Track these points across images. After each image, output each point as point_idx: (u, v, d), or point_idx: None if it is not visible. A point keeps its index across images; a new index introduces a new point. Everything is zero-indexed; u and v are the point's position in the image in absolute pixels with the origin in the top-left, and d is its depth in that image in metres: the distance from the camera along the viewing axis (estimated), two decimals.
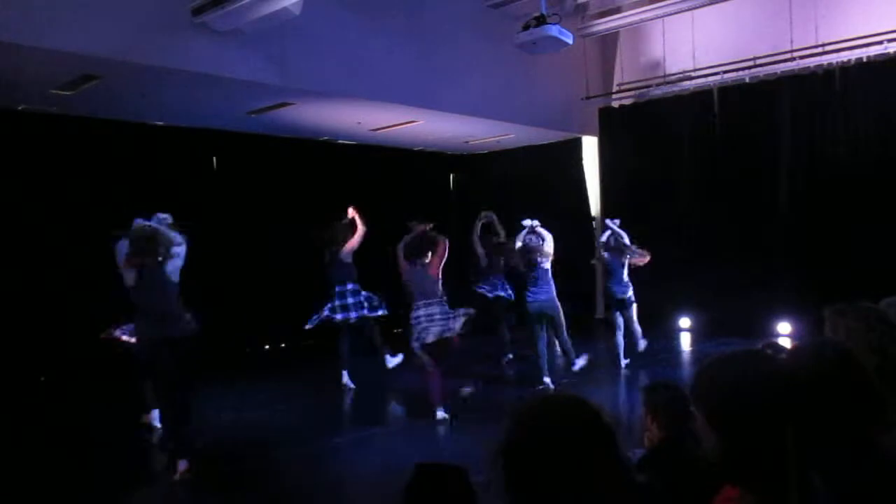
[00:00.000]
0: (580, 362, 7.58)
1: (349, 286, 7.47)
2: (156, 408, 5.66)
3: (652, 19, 9.13)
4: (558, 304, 7.37)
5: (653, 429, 2.52)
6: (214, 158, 10.06)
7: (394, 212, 11.57)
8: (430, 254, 6.37)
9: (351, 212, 7.68)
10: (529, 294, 7.30)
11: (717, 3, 8.34)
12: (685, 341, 10.15)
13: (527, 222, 7.57)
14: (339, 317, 7.40)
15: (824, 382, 1.60)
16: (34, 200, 8.08)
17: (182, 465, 4.96)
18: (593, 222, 12.17)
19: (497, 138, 11.61)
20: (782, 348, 2.42)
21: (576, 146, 12.15)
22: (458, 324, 6.20)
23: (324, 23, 7.54)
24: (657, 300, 10.59)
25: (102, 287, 6.53)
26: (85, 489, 5.08)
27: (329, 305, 7.44)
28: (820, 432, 1.47)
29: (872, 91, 8.88)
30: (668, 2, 8.44)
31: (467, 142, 11.94)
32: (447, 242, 6.42)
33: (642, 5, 8.93)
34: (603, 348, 10.17)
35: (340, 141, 11.14)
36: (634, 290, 8.37)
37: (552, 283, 7.34)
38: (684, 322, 10.65)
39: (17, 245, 7.89)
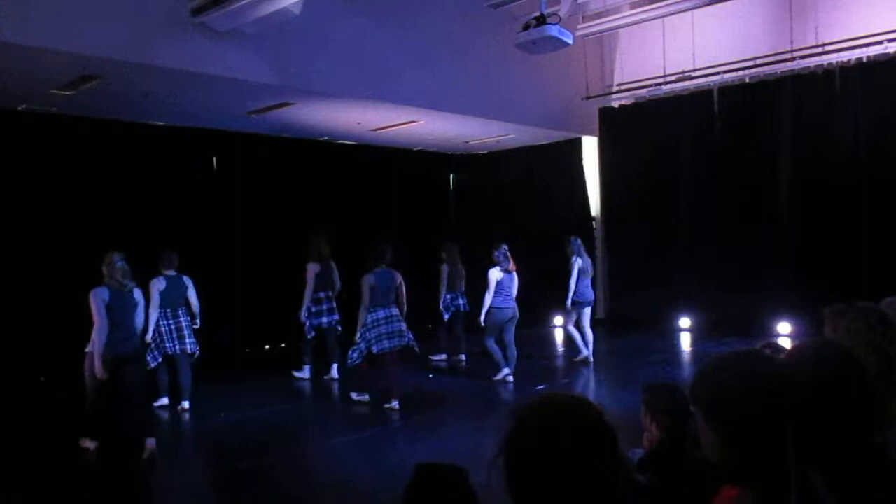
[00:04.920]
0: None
1: (331, 293, 8.24)
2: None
3: (652, 19, 9.11)
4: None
5: (652, 429, 2.52)
6: (214, 158, 10.07)
7: (394, 212, 11.64)
8: None
9: None
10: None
11: (717, 2, 8.33)
12: (685, 341, 10.15)
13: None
14: (325, 320, 8.15)
15: (824, 382, 1.60)
16: (34, 200, 8.09)
17: (150, 442, 5.45)
18: (593, 222, 12.17)
19: (497, 138, 11.61)
20: (782, 348, 2.42)
21: (576, 146, 12.15)
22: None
23: (324, 23, 7.53)
24: (657, 300, 10.61)
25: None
26: (85, 488, 5.09)
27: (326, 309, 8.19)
28: (820, 432, 1.47)
29: (872, 91, 8.88)
30: (668, 2, 8.43)
31: (467, 142, 11.95)
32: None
33: (642, 5, 8.92)
34: (604, 349, 10.20)
35: (340, 141, 11.14)
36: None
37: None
38: (684, 322, 10.65)
39: (18, 245, 7.89)
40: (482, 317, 7.78)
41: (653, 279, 10.59)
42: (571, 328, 8.71)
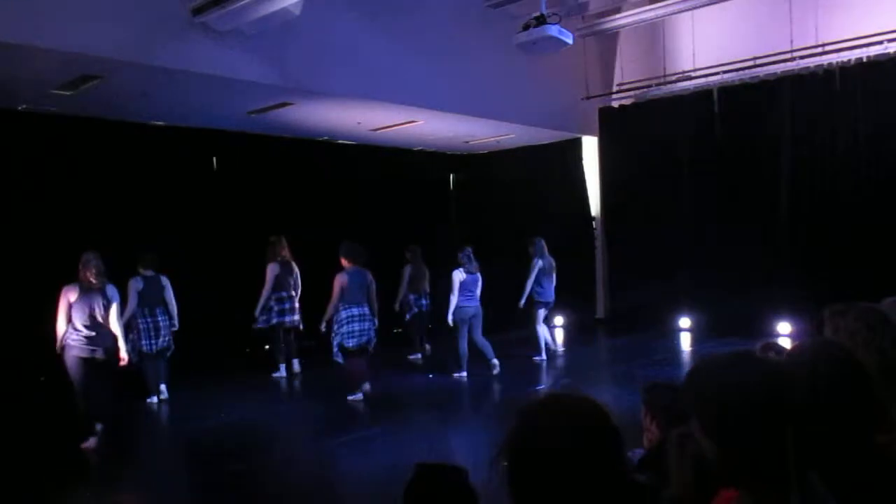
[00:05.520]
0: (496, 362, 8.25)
1: (293, 293, 8.50)
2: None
3: (652, 19, 9.12)
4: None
5: (652, 429, 2.52)
6: (214, 158, 10.07)
7: (394, 212, 11.63)
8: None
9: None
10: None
11: (717, 2, 8.33)
12: (685, 341, 10.15)
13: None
14: (288, 319, 8.43)
15: (824, 383, 1.60)
16: (34, 200, 8.08)
17: (98, 427, 5.86)
18: (593, 222, 12.17)
19: (497, 138, 11.61)
20: (782, 348, 2.42)
21: (576, 146, 12.15)
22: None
23: (324, 23, 7.53)
24: (657, 300, 10.60)
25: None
26: (84, 487, 5.09)
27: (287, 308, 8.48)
28: (820, 433, 1.47)
29: (872, 91, 8.87)
30: (669, 2, 8.44)
31: (467, 142, 11.94)
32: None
33: (642, 5, 8.93)
34: (604, 349, 10.21)
35: (340, 141, 11.14)
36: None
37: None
38: (684, 322, 10.65)
39: (17, 245, 7.89)
40: (450, 317, 8.07)
41: (653, 279, 10.58)
42: (540, 328, 8.95)
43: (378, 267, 9.52)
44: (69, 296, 5.82)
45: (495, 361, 8.13)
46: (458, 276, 8.06)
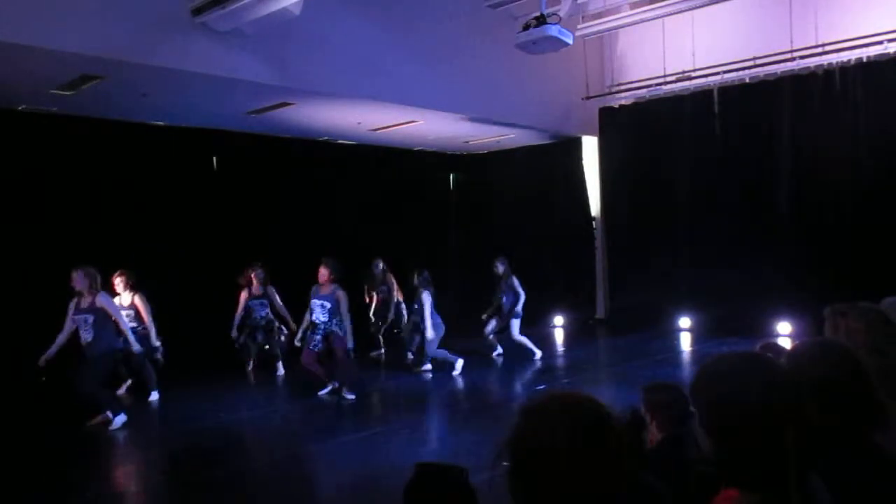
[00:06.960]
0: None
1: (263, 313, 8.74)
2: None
3: (652, 19, 9.11)
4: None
5: (653, 429, 2.52)
6: (214, 158, 10.07)
7: (394, 212, 11.64)
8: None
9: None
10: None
11: (716, 3, 8.33)
12: (685, 341, 10.15)
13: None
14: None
15: (824, 383, 1.60)
16: (34, 200, 8.09)
17: (108, 414, 6.40)
18: (593, 222, 12.17)
19: (497, 138, 11.61)
20: (782, 349, 2.42)
21: (576, 146, 12.16)
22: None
23: (324, 23, 7.54)
24: (657, 300, 10.60)
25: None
26: (83, 486, 5.09)
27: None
28: (820, 433, 1.47)
29: (872, 91, 8.87)
30: (668, 2, 8.43)
31: (467, 142, 11.95)
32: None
33: (642, 5, 8.92)
34: (604, 349, 10.21)
35: (340, 141, 11.14)
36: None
37: None
38: (684, 322, 10.64)
39: (18, 245, 7.89)
40: (430, 332, 8.21)
41: (653, 279, 10.59)
42: (519, 337, 8.98)
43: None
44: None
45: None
46: (430, 297, 8.30)
